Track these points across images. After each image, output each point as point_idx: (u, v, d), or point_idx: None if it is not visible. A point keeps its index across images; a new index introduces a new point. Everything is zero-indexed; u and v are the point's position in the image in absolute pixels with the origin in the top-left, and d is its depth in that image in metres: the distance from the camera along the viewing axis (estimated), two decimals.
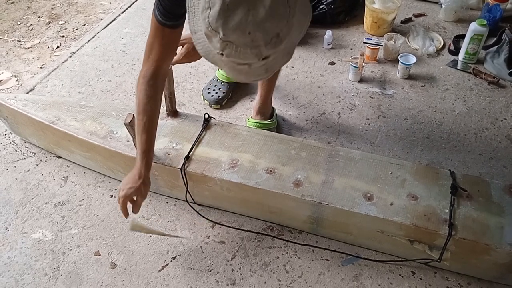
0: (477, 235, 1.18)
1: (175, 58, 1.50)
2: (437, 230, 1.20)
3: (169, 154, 1.38)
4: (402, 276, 1.31)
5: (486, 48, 2.12)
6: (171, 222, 1.44)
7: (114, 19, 2.48)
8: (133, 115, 1.23)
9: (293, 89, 1.99)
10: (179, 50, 1.49)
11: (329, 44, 2.21)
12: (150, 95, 1.17)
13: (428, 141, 1.74)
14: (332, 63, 2.14)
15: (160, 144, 1.41)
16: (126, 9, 2.58)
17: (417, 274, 1.31)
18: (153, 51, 1.15)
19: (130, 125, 1.24)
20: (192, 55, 1.47)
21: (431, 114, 1.86)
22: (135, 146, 1.31)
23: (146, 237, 1.39)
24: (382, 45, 2.15)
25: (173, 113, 1.50)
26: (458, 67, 2.11)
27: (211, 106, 1.86)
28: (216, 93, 1.86)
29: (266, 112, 1.72)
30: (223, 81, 1.88)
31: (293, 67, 2.11)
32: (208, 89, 1.89)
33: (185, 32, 1.15)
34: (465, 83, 2.03)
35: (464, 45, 2.11)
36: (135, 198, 1.20)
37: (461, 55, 2.14)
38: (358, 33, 2.33)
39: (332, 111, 1.87)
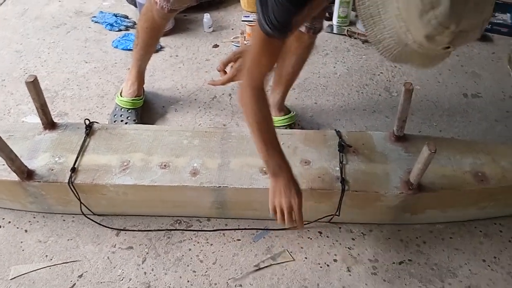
0: (367, 185, 1.27)
1: (228, 75, 1.42)
2: (331, 189, 1.26)
3: (52, 169, 1.28)
4: (311, 238, 1.36)
5: (356, 9, 2.25)
6: (71, 240, 1.35)
7: None
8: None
9: (181, 78, 1.95)
10: (233, 66, 1.42)
11: (209, 27, 2.20)
12: (265, 102, 1.18)
13: (316, 106, 1.81)
14: (216, 46, 2.13)
15: (41, 161, 1.30)
16: None
17: (324, 233, 1.37)
18: (262, 64, 1.13)
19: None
20: None
21: (316, 80, 1.94)
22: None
23: (46, 260, 1.30)
24: None
25: (50, 125, 1.40)
26: (334, 31, 2.22)
27: None
28: (126, 123, 1.67)
29: (285, 107, 1.72)
30: (129, 108, 1.71)
31: (177, 56, 2.07)
32: (115, 121, 1.69)
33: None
34: (342, 45, 2.14)
35: (335, 9, 2.22)
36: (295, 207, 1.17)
37: (334, 20, 2.25)
38: (237, 12, 2.35)
39: (223, 93, 1.87)
